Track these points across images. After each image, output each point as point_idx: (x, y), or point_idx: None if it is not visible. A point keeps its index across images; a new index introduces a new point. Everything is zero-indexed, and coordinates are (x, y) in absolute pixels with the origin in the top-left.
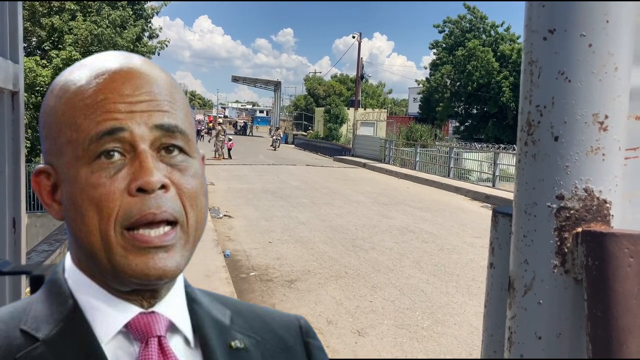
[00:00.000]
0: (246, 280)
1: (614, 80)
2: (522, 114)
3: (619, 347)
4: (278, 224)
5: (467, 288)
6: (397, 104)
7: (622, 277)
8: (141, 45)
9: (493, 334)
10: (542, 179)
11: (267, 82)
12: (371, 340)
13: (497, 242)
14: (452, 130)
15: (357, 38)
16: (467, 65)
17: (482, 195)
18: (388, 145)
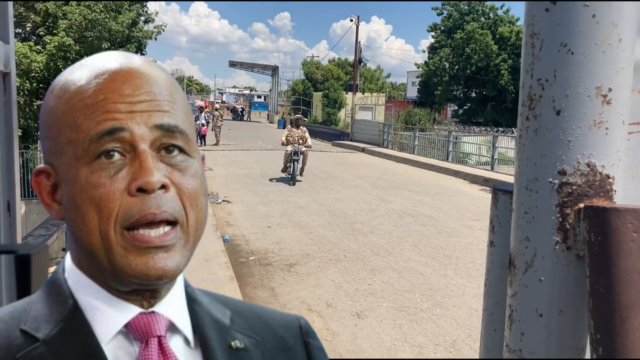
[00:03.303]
0: (245, 265)
1: (618, 52)
2: (524, 88)
3: (622, 323)
4: (277, 208)
5: (465, 270)
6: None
7: (626, 253)
8: (137, 30)
9: (493, 313)
10: (544, 154)
11: (264, 66)
12: (370, 322)
13: (498, 220)
14: (450, 113)
15: (354, 21)
16: (465, 48)
17: (481, 179)
18: (387, 130)
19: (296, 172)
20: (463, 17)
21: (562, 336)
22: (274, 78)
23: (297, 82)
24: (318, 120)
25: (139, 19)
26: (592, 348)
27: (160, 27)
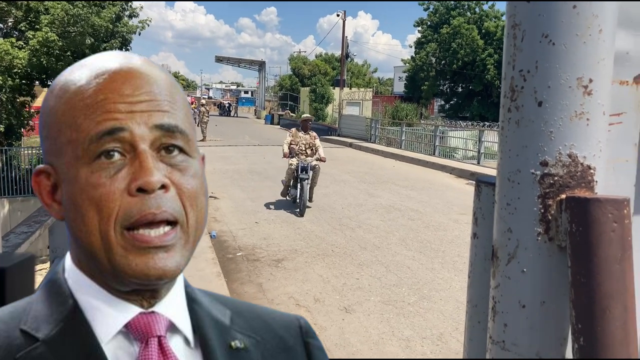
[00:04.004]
0: (233, 261)
1: (599, 42)
2: (505, 79)
3: (602, 313)
4: (265, 204)
5: (452, 264)
6: (383, 83)
7: (606, 243)
8: (121, 25)
9: (477, 305)
10: (526, 146)
11: (251, 62)
12: (358, 316)
13: (481, 212)
14: (437, 108)
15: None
16: (452, 43)
17: (467, 173)
18: (374, 125)
19: (305, 197)
20: (449, 12)
21: (544, 327)
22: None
23: (284, 78)
24: None
25: (123, 14)
26: (574, 338)
27: (145, 22)
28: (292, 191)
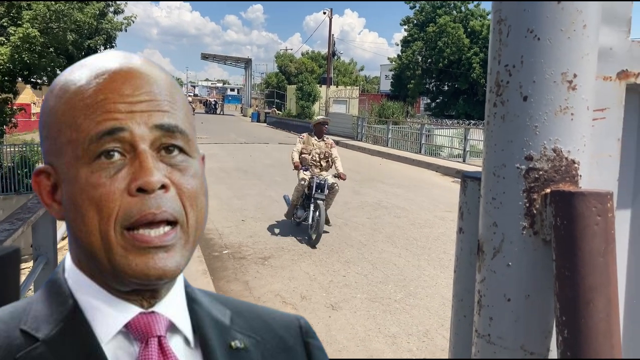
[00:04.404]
0: (219, 259)
1: (583, 38)
2: (491, 74)
3: (586, 305)
4: (251, 202)
5: (438, 261)
6: (369, 82)
7: (590, 236)
8: (105, 22)
9: (463, 299)
10: (511, 140)
11: (237, 59)
12: (345, 314)
13: (466, 206)
14: (423, 107)
15: (327, 14)
16: (438, 41)
17: (453, 171)
18: (360, 123)
19: (321, 221)
20: (435, 11)
21: (529, 320)
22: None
23: (271, 75)
24: (292, 113)
25: (107, 10)
26: (558, 330)
27: (130, 18)
28: (299, 212)
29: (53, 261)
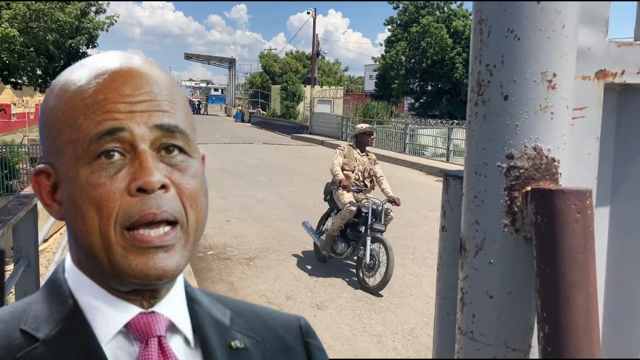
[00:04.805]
0: (203, 259)
1: (562, 38)
2: (472, 74)
3: (566, 301)
4: (236, 202)
5: (422, 260)
6: (354, 82)
7: (570, 233)
8: (87, 21)
9: (446, 297)
10: (492, 139)
11: (221, 59)
12: (330, 313)
13: (449, 205)
14: (407, 107)
15: (311, 14)
16: (421, 41)
17: (437, 170)
18: (345, 123)
19: (389, 263)
20: (419, 11)
21: (511, 317)
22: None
23: (255, 75)
24: (277, 113)
25: (89, 10)
26: (539, 326)
27: (112, 17)
28: (340, 246)
29: (34, 264)
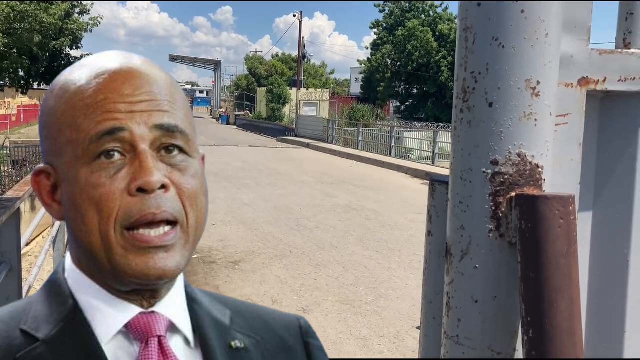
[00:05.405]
0: (188, 263)
1: (545, 46)
2: (458, 81)
3: (550, 306)
4: (221, 205)
5: (408, 263)
6: (340, 84)
7: (553, 238)
8: (71, 22)
9: (432, 301)
10: (477, 145)
11: (206, 61)
12: (316, 316)
13: (435, 210)
14: (393, 110)
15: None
16: (407, 45)
17: (422, 173)
18: (331, 125)
19: None
20: (404, 15)
21: (496, 321)
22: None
23: (241, 78)
24: (262, 116)
25: (73, 11)
26: (524, 330)
27: (96, 19)
28: None
29: (17, 268)
